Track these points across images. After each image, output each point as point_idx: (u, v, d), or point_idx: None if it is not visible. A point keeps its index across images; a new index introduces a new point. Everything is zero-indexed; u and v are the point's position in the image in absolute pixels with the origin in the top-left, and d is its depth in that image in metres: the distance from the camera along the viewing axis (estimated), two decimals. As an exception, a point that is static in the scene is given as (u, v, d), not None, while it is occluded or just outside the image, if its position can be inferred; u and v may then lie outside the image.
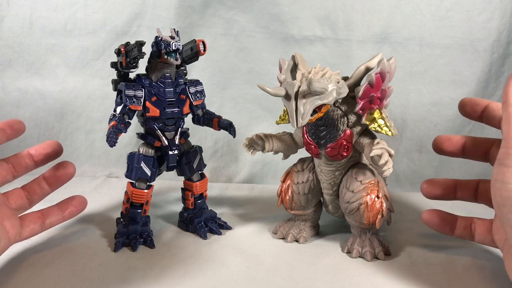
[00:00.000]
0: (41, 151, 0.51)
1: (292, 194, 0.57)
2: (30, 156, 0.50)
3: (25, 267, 0.50)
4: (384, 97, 0.50)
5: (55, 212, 0.52)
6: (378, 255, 0.52)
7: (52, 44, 0.85)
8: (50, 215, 0.51)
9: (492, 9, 0.77)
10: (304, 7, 0.80)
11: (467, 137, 0.52)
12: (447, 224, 0.52)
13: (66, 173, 0.52)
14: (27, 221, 0.48)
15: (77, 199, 0.55)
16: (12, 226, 0.45)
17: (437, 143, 0.53)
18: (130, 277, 0.48)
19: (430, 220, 0.53)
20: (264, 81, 0.82)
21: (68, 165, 0.53)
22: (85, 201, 0.56)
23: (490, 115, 0.49)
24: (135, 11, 0.83)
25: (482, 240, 0.50)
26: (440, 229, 0.52)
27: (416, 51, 0.80)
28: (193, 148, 0.60)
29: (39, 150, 0.51)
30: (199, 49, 0.55)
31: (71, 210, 0.54)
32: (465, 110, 0.51)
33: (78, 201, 0.55)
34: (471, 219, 0.51)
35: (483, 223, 0.50)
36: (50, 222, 0.51)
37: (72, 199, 0.55)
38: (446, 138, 0.52)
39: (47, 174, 0.52)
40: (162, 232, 0.60)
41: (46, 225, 0.51)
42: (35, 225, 0.49)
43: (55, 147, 0.52)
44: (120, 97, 0.54)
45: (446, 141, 0.52)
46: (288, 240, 0.57)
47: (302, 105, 0.45)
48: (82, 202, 0.55)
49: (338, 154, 0.51)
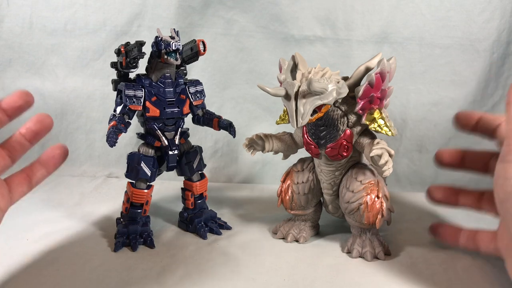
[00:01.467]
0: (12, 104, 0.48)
1: (292, 194, 0.57)
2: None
3: (25, 267, 0.50)
4: (384, 97, 0.50)
5: (38, 168, 0.49)
6: (378, 255, 0.52)
7: (52, 44, 0.85)
8: (35, 172, 0.48)
9: (492, 9, 0.77)
10: (304, 7, 0.80)
11: (466, 150, 0.53)
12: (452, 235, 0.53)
13: (43, 126, 0.49)
14: (14, 185, 0.46)
15: (55, 149, 0.50)
16: (2, 196, 0.43)
17: (438, 157, 0.54)
18: (130, 277, 0.48)
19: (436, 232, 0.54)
20: (264, 81, 0.82)
21: (45, 117, 0.49)
22: (65, 149, 0.50)
23: (484, 126, 0.50)
24: (135, 11, 0.83)
25: (486, 250, 0.50)
26: (445, 239, 0.54)
27: (416, 51, 0.80)
28: (193, 148, 0.60)
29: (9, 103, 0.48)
30: (199, 49, 0.55)
31: (54, 162, 0.49)
32: (459, 124, 0.52)
33: (58, 150, 0.50)
34: (475, 231, 0.51)
35: (487, 234, 0.50)
36: (36, 179, 0.48)
37: (51, 150, 0.50)
38: (446, 151, 0.54)
39: (24, 130, 0.48)
40: (162, 232, 0.60)
41: (33, 183, 0.48)
42: (23, 187, 0.46)
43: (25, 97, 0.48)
44: (120, 97, 0.54)
45: (446, 154, 0.53)
46: (288, 240, 0.57)
47: (302, 105, 0.45)
48: (61, 149, 0.50)
49: (338, 154, 0.51)
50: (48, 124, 0.49)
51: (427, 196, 0.55)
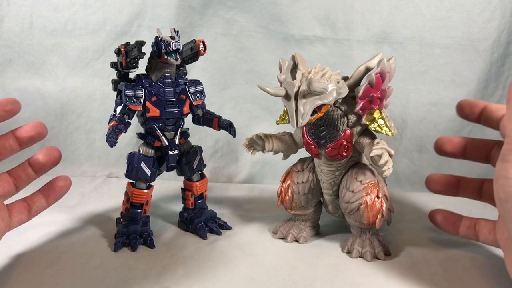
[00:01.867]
0: (25, 134, 0.49)
1: (292, 194, 0.57)
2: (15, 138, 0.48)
3: (25, 267, 0.50)
4: (384, 97, 0.50)
5: (39, 198, 0.50)
6: (378, 255, 0.52)
7: (52, 44, 0.85)
8: (35, 202, 0.49)
9: (492, 9, 0.77)
10: (304, 7, 0.80)
11: (468, 138, 0.52)
12: (452, 222, 0.53)
13: (51, 159, 0.50)
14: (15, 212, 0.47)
15: (58, 181, 0.51)
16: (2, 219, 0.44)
17: (439, 144, 0.53)
18: (130, 277, 0.48)
19: (436, 218, 0.54)
20: (264, 81, 0.82)
21: (53, 150, 0.50)
22: (68, 181, 0.51)
23: (488, 116, 0.49)
24: (135, 11, 0.83)
25: (485, 240, 0.50)
26: (445, 227, 0.54)
27: (416, 51, 0.80)
28: (193, 148, 0.60)
29: (23, 133, 0.49)
30: (199, 49, 0.55)
31: (55, 194, 0.50)
32: (463, 112, 0.52)
33: (60, 183, 0.50)
34: (476, 219, 0.51)
35: (487, 223, 0.50)
36: (36, 210, 0.49)
37: (53, 182, 0.51)
38: (447, 140, 0.53)
39: (32, 160, 0.49)
40: (162, 232, 0.60)
41: (32, 213, 0.49)
42: (22, 214, 0.47)
43: (39, 128, 0.49)
44: (120, 97, 0.54)
45: (447, 142, 0.53)
46: (288, 240, 0.57)
47: (302, 105, 0.45)
48: (65, 181, 0.51)
49: (338, 154, 0.51)
50: (55, 158, 0.50)
51: (426, 185, 0.55)
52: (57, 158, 0.50)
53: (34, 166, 0.49)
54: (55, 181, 0.51)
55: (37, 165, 0.49)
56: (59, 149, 0.50)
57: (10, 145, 0.48)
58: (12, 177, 0.48)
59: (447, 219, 0.53)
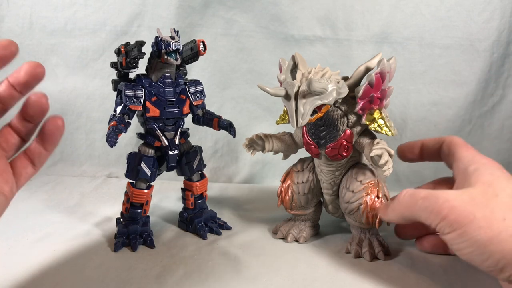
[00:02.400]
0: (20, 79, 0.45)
1: (292, 194, 0.57)
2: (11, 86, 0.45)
3: (25, 267, 0.50)
4: (384, 97, 0.50)
5: (37, 148, 0.44)
6: (378, 255, 0.52)
7: (52, 44, 0.84)
8: (34, 153, 0.44)
9: (492, 9, 0.77)
10: (304, 7, 0.80)
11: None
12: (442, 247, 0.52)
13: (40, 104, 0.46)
14: (18, 168, 0.44)
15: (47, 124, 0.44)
16: (6, 181, 0.41)
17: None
18: (130, 277, 0.48)
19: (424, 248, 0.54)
20: (264, 81, 0.82)
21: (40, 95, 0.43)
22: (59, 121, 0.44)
23: (428, 152, 0.54)
24: (135, 11, 0.83)
25: None
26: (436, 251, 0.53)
27: (416, 51, 0.80)
28: (193, 148, 0.60)
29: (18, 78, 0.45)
30: (199, 49, 0.55)
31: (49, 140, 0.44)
32: (406, 156, 0.55)
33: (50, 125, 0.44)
34: None
35: None
36: (38, 160, 0.45)
37: (43, 126, 0.44)
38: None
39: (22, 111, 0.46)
40: (162, 232, 0.60)
41: (36, 164, 0.45)
42: (27, 169, 0.44)
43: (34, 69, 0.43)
44: (120, 97, 0.54)
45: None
46: (288, 240, 0.57)
47: (302, 105, 0.45)
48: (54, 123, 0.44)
49: (338, 154, 0.51)
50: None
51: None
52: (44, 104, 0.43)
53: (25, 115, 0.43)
54: (45, 125, 0.44)
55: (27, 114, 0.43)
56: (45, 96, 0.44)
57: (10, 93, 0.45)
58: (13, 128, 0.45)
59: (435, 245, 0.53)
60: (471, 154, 0.47)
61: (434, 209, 0.40)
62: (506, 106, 0.81)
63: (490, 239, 0.37)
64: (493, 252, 0.37)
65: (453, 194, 0.41)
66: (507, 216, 0.38)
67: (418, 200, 0.42)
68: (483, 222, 0.38)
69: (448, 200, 0.40)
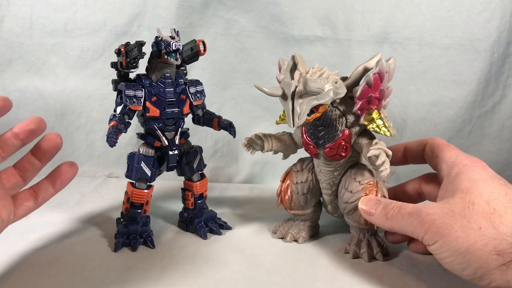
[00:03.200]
0: (25, 128, 0.49)
1: (291, 194, 0.57)
2: (15, 135, 0.48)
3: (25, 267, 0.50)
4: (383, 97, 0.50)
5: (46, 185, 0.49)
6: (376, 256, 0.52)
7: (52, 44, 0.84)
8: (41, 190, 0.49)
9: (492, 9, 0.77)
10: (304, 7, 0.80)
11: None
12: None
13: (52, 145, 0.49)
14: (20, 200, 0.47)
15: (64, 166, 0.50)
16: (4, 206, 0.44)
17: None
18: (130, 277, 0.48)
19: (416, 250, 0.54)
20: (264, 81, 0.82)
21: (54, 136, 0.50)
22: (74, 166, 0.51)
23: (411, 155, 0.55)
24: (135, 11, 0.83)
25: None
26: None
27: (416, 51, 0.80)
28: (193, 148, 0.60)
29: (22, 127, 0.49)
30: (199, 49, 0.55)
31: (61, 179, 0.50)
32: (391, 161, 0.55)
33: (67, 168, 0.50)
34: None
35: None
36: (43, 197, 0.49)
37: (59, 167, 0.50)
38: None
39: (34, 149, 0.49)
40: (162, 232, 0.60)
41: (39, 200, 0.49)
42: (29, 202, 0.48)
43: (38, 122, 0.49)
44: (120, 97, 0.54)
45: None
46: (287, 240, 0.57)
47: (299, 105, 0.45)
48: (71, 166, 0.50)
49: (336, 154, 0.51)
50: (57, 143, 0.49)
51: None
52: (58, 143, 0.49)
53: (37, 154, 0.49)
54: (61, 166, 0.50)
55: (40, 153, 0.49)
56: (60, 135, 0.50)
57: (12, 142, 0.47)
58: (18, 169, 0.48)
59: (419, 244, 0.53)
60: (454, 155, 0.48)
61: (418, 224, 0.42)
62: (506, 106, 0.81)
63: (467, 248, 0.39)
64: (471, 261, 0.39)
65: (434, 208, 0.43)
66: (482, 224, 0.39)
67: (404, 216, 0.44)
68: (460, 232, 0.40)
69: (429, 214, 0.42)
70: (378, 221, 0.48)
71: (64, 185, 0.50)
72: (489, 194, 0.42)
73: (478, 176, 0.44)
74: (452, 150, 0.49)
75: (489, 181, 0.43)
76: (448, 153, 0.49)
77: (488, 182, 0.43)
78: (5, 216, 0.44)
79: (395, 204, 0.46)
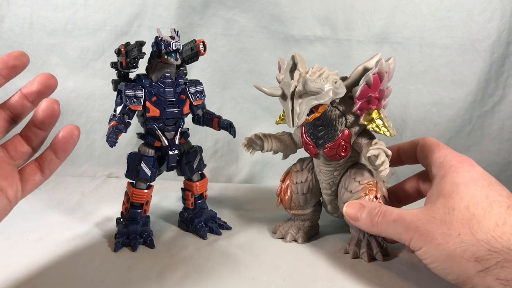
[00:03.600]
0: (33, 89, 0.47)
1: (291, 194, 0.57)
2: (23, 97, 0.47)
3: (25, 267, 0.50)
4: (383, 97, 0.50)
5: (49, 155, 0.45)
6: (376, 256, 0.52)
7: (52, 44, 0.85)
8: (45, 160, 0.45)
9: (492, 9, 0.77)
10: (304, 7, 0.80)
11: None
12: None
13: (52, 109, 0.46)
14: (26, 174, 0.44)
15: (62, 131, 0.45)
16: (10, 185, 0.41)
17: None
18: (130, 277, 0.48)
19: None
20: (264, 81, 0.83)
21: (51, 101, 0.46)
22: (74, 131, 0.46)
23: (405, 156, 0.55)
24: (135, 11, 0.83)
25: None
26: None
27: (416, 51, 0.80)
28: (193, 148, 0.60)
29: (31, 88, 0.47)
30: (199, 49, 0.55)
31: (62, 147, 0.45)
32: None
33: (64, 133, 0.45)
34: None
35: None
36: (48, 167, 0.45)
37: (58, 134, 0.46)
38: None
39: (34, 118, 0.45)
40: (162, 232, 0.60)
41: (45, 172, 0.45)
42: (35, 176, 0.44)
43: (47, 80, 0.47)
44: (120, 97, 0.54)
45: None
46: (287, 240, 0.57)
47: (298, 105, 0.45)
48: (69, 131, 0.45)
49: (336, 154, 0.51)
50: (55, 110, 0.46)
51: None
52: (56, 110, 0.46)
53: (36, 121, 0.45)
54: (59, 132, 0.45)
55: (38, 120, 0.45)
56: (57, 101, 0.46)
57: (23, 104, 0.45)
58: (24, 138, 0.45)
59: None
60: (442, 155, 0.48)
61: (404, 231, 0.43)
62: (506, 106, 0.81)
63: (448, 255, 0.39)
64: (452, 268, 0.39)
65: (418, 215, 0.43)
66: (461, 231, 0.39)
67: (390, 223, 0.45)
68: (441, 239, 0.40)
69: (413, 221, 0.43)
70: (365, 226, 0.48)
71: (66, 152, 0.46)
72: (470, 198, 0.41)
73: (461, 179, 0.43)
74: (441, 150, 0.49)
75: (471, 184, 0.43)
76: (437, 153, 0.48)
77: (470, 185, 0.43)
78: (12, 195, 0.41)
79: (379, 210, 0.46)
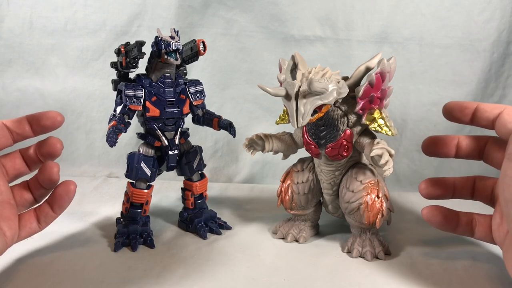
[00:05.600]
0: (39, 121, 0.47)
1: (292, 194, 0.57)
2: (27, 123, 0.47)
3: (25, 267, 0.50)
4: (384, 97, 0.50)
5: (45, 208, 0.47)
6: (378, 255, 0.52)
7: (52, 44, 0.85)
8: (42, 212, 0.47)
9: (492, 9, 0.77)
10: (304, 7, 0.80)
11: (459, 136, 0.50)
12: (449, 220, 0.49)
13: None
14: (24, 221, 0.47)
15: (59, 188, 0.47)
16: (10, 227, 0.43)
17: (429, 145, 0.51)
18: (130, 277, 0.48)
19: (432, 217, 0.50)
20: (264, 81, 0.83)
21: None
22: (70, 187, 0.47)
23: (482, 116, 0.47)
24: (135, 11, 0.83)
25: (482, 237, 0.48)
26: (442, 226, 0.50)
27: (416, 51, 0.80)
28: (193, 148, 0.60)
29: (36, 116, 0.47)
30: (199, 49, 0.55)
31: (58, 203, 0.47)
32: (452, 115, 0.49)
33: (60, 190, 0.47)
34: (472, 215, 0.49)
35: (484, 219, 0.48)
36: (44, 219, 0.47)
37: (55, 189, 0.47)
38: (438, 139, 0.51)
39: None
40: (162, 232, 0.60)
41: (41, 223, 0.47)
42: (32, 224, 0.47)
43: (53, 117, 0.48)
44: (120, 97, 0.54)
45: (438, 142, 0.50)
46: (288, 240, 0.57)
47: (303, 105, 0.45)
48: (65, 188, 0.47)
49: (338, 154, 0.51)
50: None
51: (421, 193, 0.52)
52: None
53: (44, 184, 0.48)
54: (56, 188, 0.47)
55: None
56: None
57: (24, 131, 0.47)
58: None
59: (444, 218, 0.49)
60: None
61: None
62: (506, 106, 0.81)
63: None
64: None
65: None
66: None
67: None
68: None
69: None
70: None
71: (62, 208, 0.48)
72: None
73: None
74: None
75: None
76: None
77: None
78: (9, 238, 0.43)
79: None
